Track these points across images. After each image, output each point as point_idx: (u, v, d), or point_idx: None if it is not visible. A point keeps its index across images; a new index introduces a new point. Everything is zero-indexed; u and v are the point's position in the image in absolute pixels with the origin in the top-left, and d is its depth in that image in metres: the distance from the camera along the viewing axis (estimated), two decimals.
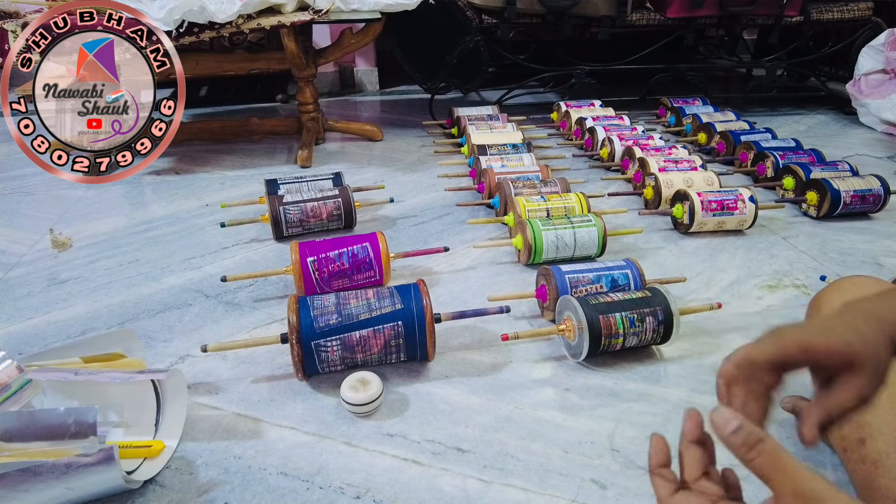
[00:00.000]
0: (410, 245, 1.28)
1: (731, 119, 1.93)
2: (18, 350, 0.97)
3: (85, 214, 1.45)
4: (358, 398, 0.80)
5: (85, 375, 0.73)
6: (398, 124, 2.19)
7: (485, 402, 0.85)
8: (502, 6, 1.87)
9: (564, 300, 0.94)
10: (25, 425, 0.64)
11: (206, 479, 0.73)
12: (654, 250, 1.27)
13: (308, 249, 1.04)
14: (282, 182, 1.40)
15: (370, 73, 2.71)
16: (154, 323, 1.03)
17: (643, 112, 2.19)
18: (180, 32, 1.41)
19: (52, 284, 1.15)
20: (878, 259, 1.24)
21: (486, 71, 1.99)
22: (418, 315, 0.85)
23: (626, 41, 2.21)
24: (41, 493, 0.63)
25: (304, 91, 1.82)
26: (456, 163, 1.74)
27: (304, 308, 0.84)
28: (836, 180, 1.38)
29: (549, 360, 0.94)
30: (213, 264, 1.22)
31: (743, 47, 2.86)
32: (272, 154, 1.86)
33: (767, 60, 2.22)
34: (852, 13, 2.07)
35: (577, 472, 0.74)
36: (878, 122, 2.04)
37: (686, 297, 1.10)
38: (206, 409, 0.84)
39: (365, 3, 1.55)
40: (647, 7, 2.04)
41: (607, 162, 1.71)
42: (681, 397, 0.86)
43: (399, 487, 0.72)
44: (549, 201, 1.28)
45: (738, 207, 1.29)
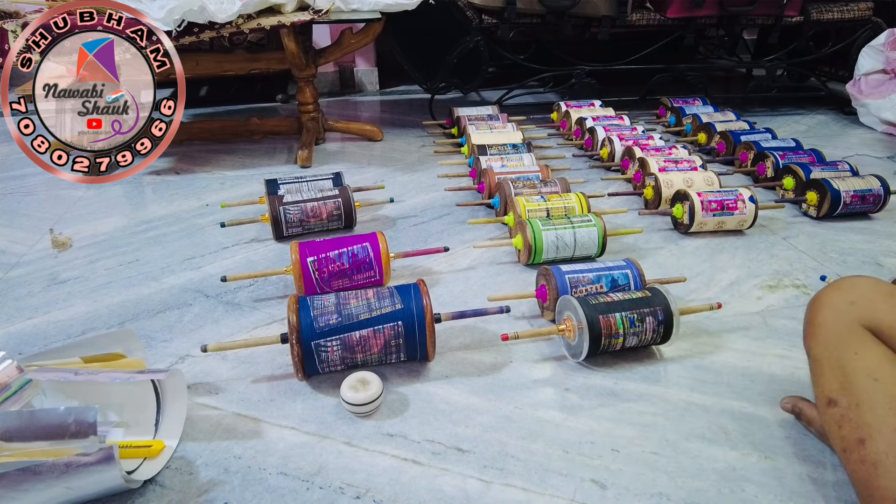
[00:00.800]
0: (410, 245, 1.28)
1: (731, 119, 1.93)
2: (18, 350, 0.97)
3: (85, 214, 1.45)
4: (358, 398, 0.80)
5: (85, 375, 0.73)
6: (398, 124, 2.19)
7: (485, 402, 0.85)
8: (502, 6, 1.87)
9: (564, 300, 0.94)
10: (25, 425, 0.64)
11: (206, 479, 0.73)
12: (654, 250, 1.27)
13: (308, 249, 1.04)
14: (282, 182, 1.40)
15: (370, 73, 2.71)
16: (154, 323, 1.03)
17: (643, 112, 2.19)
18: (180, 32, 1.41)
19: (52, 284, 1.15)
20: (878, 259, 1.24)
21: (486, 71, 1.99)
22: (418, 315, 0.85)
23: (626, 41, 2.21)
24: (41, 493, 0.63)
25: (304, 91, 1.82)
26: (456, 163, 1.74)
27: (304, 308, 0.84)
28: (836, 180, 1.38)
29: (549, 360, 0.94)
30: (213, 264, 1.22)
31: (743, 47, 2.86)
32: (272, 154, 1.86)
33: (767, 60, 2.22)
34: (852, 13, 2.07)
35: (577, 472, 0.74)
36: (878, 122, 2.04)
37: (686, 297, 1.10)
38: (206, 409, 0.84)
39: (365, 3, 1.55)
40: (647, 7, 2.04)
41: (607, 162, 1.71)
42: (681, 397, 0.86)
43: (399, 487, 0.72)
44: (549, 201, 1.28)
45: (738, 207, 1.29)
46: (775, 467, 0.74)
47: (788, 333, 1.00)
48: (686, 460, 0.75)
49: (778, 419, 0.82)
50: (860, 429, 0.62)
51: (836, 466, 0.74)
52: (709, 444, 0.78)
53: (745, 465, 0.75)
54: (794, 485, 0.72)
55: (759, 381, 0.89)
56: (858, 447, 0.61)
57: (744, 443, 0.78)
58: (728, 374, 0.91)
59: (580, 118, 1.91)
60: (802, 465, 0.75)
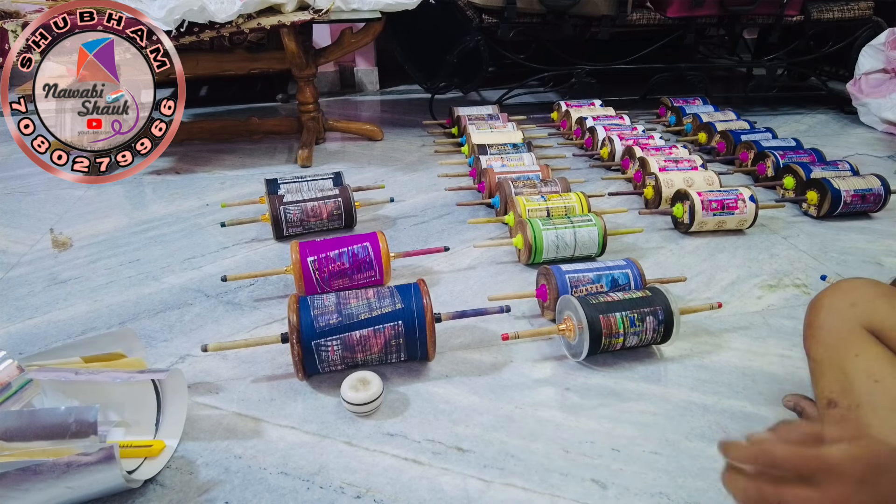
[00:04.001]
0: (410, 245, 1.28)
1: (732, 118, 1.93)
2: (19, 350, 0.97)
3: (85, 214, 1.45)
4: (358, 398, 0.81)
5: (85, 375, 0.73)
6: (398, 124, 2.19)
7: (485, 402, 0.85)
8: (502, 6, 1.87)
9: (565, 300, 0.94)
10: (26, 425, 0.64)
11: (207, 479, 0.73)
12: (655, 250, 1.27)
13: (308, 249, 1.04)
14: (282, 182, 1.40)
15: (370, 73, 2.71)
16: (154, 323, 1.03)
17: (643, 111, 2.19)
18: (180, 32, 1.41)
19: (52, 284, 1.15)
20: (879, 259, 1.24)
21: (487, 70, 1.99)
22: (418, 315, 0.85)
23: (626, 41, 2.21)
24: (42, 493, 0.63)
25: (305, 91, 1.82)
26: (456, 162, 1.74)
27: (305, 308, 0.84)
28: (837, 180, 1.38)
29: (549, 359, 0.94)
30: (213, 264, 1.22)
31: (743, 47, 2.86)
32: (272, 154, 1.86)
33: (768, 60, 2.22)
34: (853, 12, 2.07)
35: (577, 472, 0.74)
36: (879, 122, 2.04)
37: (686, 297, 1.10)
38: (206, 409, 0.84)
39: (365, 3, 1.55)
40: (647, 7, 2.04)
41: (607, 161, 1.71)
42: (681, 397, 0.86)
43: (399, 487, 0.72)
44: (550, 201, 1.28)
45: (739, 207, 1.29)
46: None
47: (789, 333, 0.99)
48: (686, 460, 0.75)
49: (778, 419, 0.82)
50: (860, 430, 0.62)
51: None
52: (709, 444, 0.78)
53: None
54: None
55: (759, 381, 0.89)
56: None
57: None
58: (728, 373, 0.91)
59: (580, 118, 1.91)
60: None
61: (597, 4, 1.90)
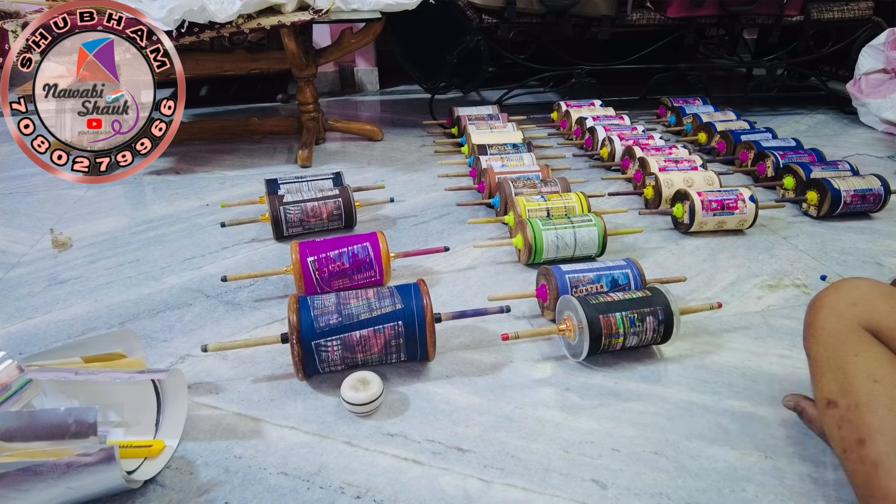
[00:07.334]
0: (410, 245, 1.28)
1: (732, 119, 1.93)
2: (19, 350, 0.97)
3: (85, 214, 1.45)
4: (358, 398, 0.81)
5: (85, 375, 0.73)
6: (398, 124, 2.19)
7: (485, 402, 0.85)
8: (502, 6, 1.87)
9: (565, 300, 0.94)
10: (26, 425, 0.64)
11: (207, 479, 0.73)
12: (655, 250, 1.27)
13: (308, 249, 1.04)
14: (282, 182, 1.40)
15: (370, 73, 2.71)
16: (154, 323, 1.03)
17: (643, 112, 2.19)
18: (180, 32, 1.41)
19: (52, 284, 1.15)
20: (879, 259, 1.24)
21: (487, 71, 1.99)
22: (418, 315, 0.85)
23: (626, 41, 2.21)
24: (42, 493, 0.63)
25: (305, 91, 1.82)
26: (456, 162, 1.74)
27: (305, 308, 0.84)
28: (837, 180, 1.38)
29: (549, 359, 0.94)
30: (213, 264, 1.22)
31: (743, 47, 2.86)
32: (272, 154, 1.86)
33: (768, 60, 2.22)
34: (853, 13, 2.07)
35: (577, 472, 0.74)
36: (879, 122, 2.04)
37: (686, 297, 1.10)
38: (206, 409, 0.84)
39: (365, 3, 1.55)
40: (647, 7, 2.04)
41: (607, 162, 1.71)
42: (681, 397, 0.86)
43: (399, 487, 0.72)
44: (550, 201, 1.28)
45: (739, 207, 1.29)
46: (776, 467, 0.74)
47: (789, 333, 1.00)
48: (686, 460, 0.75)
49: (778, 419, 0.82)
50: (860, 429, 0.62)
51: (837, 466, 0.74)
52: (709, 444, 0.78)
53: (746, 464, 0.75)
54: (795, 484, 0.72)
55: (759, 381, 0.89)
56: (858, 448, 0.61)
57: (744, 442, 0.78)
58: (728, 373, 0.91)
59: (580, 118, 1.91)
60: (803, 465, 0.75)
61: (597, 4, 1.90)
